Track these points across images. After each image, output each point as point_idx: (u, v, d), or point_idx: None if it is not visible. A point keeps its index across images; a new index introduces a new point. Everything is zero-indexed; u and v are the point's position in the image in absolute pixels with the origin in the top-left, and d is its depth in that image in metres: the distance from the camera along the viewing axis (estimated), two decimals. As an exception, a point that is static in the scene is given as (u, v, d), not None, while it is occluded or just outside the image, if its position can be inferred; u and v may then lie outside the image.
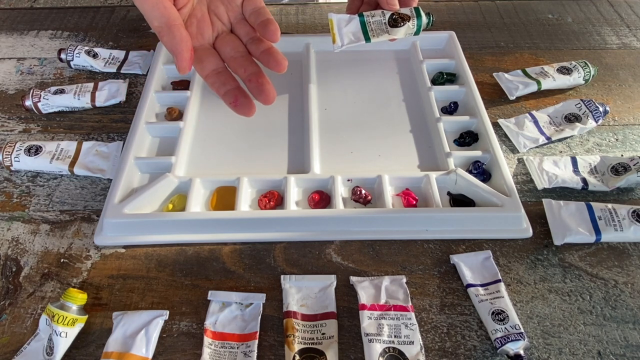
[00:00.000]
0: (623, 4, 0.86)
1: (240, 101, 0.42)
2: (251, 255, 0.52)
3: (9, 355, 0.44)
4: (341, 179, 0.56)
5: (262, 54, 0.43)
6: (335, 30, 0.61)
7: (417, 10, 0.59)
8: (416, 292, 0.49)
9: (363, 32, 0.60)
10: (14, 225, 0.55)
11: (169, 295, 0.49)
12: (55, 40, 0.79)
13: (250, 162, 0.60)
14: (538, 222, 0.54)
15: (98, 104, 0.67)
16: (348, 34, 0.61)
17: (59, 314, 0.44)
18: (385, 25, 0.58)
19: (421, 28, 0.60)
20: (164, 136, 0.63)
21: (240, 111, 0.42)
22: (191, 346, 0.45)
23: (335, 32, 0.61)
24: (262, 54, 0.43)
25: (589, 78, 0.68)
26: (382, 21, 0.58)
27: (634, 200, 0.57)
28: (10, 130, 0.65)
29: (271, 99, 0.42)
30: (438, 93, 0.66)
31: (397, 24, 0.57)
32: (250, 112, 0.42)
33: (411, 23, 0.58)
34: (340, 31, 0.61)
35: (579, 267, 0.51)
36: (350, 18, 0.62)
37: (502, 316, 0.45)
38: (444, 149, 0.58)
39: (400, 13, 0.58)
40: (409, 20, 0.58)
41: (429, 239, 0.53)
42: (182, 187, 0.56)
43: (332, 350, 0.44)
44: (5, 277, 0.50)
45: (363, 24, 0.60)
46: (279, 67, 0.43)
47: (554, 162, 0.59)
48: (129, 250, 0.52)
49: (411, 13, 0.59)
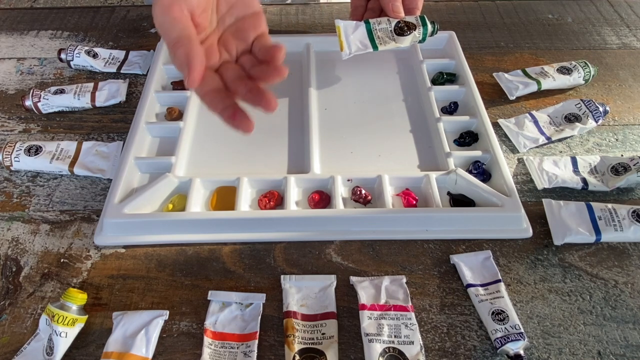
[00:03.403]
0: (623, 4, 0.86)
1: (238, 116, 0.41)
2: (251, 255, 0.52)
3: (9, 355, 0.44)
4: (341, 179, 0.56)
5: (265, 77, 0.44)
6: (343, 38, 0.61)
7: (422, 18, 0.59)
8: (416, 292, 0.49)
9: (370, 39, 0.60)
10: (14, 225, 0.55)
11: (169, 295, 0.49)
12: (55, 40, 0.79)
13: (250, 162, 0.60)
14: (538, 222, 0.54)
15: (98, 104, 0.67)
16: (355, 42, 0.61)
17: (59, 314, 0.44)
18: (391, 33, 0.58)
19: (427, 36, 0.60)
20: (164, 136, 0.63)
21: (239, 126, 0.42)
22: (191, 346, 0.45)
23: (343, 40, 0.61)
24: (264, 77, 0.44)
25: (589, 78, 0.68)
26: (388, 29, 0.58)
27: (634, 200, 0.57)
28: (10, 130, 0.65)
29: (273, 106, 0.42)
30: (438, 93, 0.66)
31: (403, 33, 0.57)
32: (249, 128, 0.41)
33: (417, 32, 0.58)
34: (348, 39, 0.61)
35: (579, 267, 0.51)
36: (356, 24, 0.62)
37: (502, 316, 0.45)
38: (444, 149, 0.58)
39: (406, 21, 0.58)
40: (415, 28, 0.58)
41: (429, 239, 0.53)
42: (182, 187, 0.56)
43: (332, 350, 0.44)
44: (5, 277, 0.50)
45: (369, 32, 0.60)
46: (270, 106, 0.42)
47: (554, 162, 0.59)
48: (129, 250, 0.52)
49: (416, 21, 0.59)
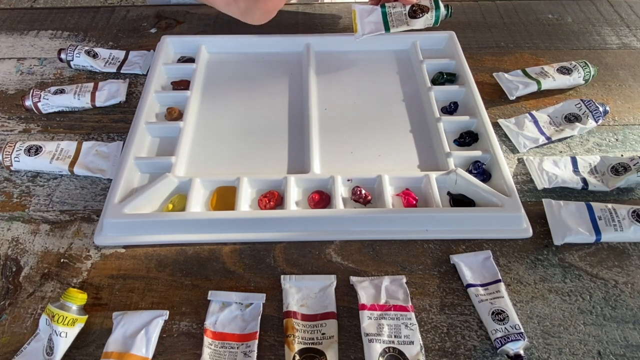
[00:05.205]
0: (623, 4, 0.86)
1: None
2: (251, 255, 0.52)
3: (9, 355, 0.44)
4: (341, 179, 0.56)
5: None
6: (357, 21, 0.64)
7: (436, 2, 0.60)
8: (416, 292, 0.49)
9: (384, 22, 0.62)
10: (14, 225, 0.55)
11: (169, 295, 0.49)
12: (55, 40, 0.79)
13: (250, 162, 0.60)
14: (538, 222, 0.54)
15: (98, 104, 0.67)
16: (369, 24, 0.63)
17: (59, 314, 0.44)
18: (405, 16, 0.59)
19: (439, 19, 0.60)
20: (164, 136, 0.63)
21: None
22: (191, 346, 0.45)
23: (357, 23, 0.64)
24: None
25: (589, 78, 0.68)
26: (402, 12, 0.59)
27: (634, 200, 0.57)
28: (10, 130, 0.65)
29: None
30: (438, 93, 0.66)
31: (416, 15, 0.58)
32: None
33: (429, 14, 0.59)
34: (362, 21, 0.63)
35: (579, 267, 0.51)
36: (372, 9, 0.64)
37: (502, 316, 0.45)
38: (444, 149, 0.58)
39: (421, 5, 0.59)
40: (428, 11, 0.58)
41: (429, 239, 0.53)
42: (182, 187, 0.56)
43: (332, 350, 0.44)
44: (5, 277, 0.50)
45: (384, 15, 0.62)
46: None
47: (554, 162, 0.59)
48: (129, 250, 0.52)
49: (430, 5, 0.60)
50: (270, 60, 0.73)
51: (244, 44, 0.74)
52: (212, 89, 0.69)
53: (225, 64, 0.73)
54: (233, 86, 0.69)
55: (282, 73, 0.71)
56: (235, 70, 0.72)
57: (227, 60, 0.73)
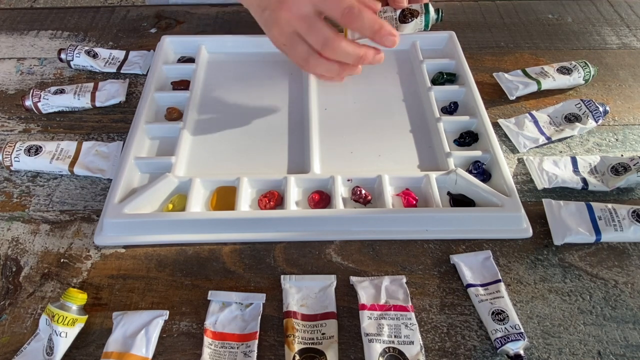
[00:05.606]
0: (623, 4, 0.86)
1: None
2: (251, 255, 0.52)
3: (9, 355, 0.44)
4: (341, 179, 0.56)
5: None
6: None
7: (426, 6, 0.60)
8: (416, 292, 0.49)
9: None
10: (14, 225, 0.55)
11: (169, 295, 0.49)
12: (55, 40, 0.79)
13: (250, 162, 0.60)
14: (538, 222, 0.54)
15: (98, 104, 0.67)
16: None
17: (59, 314, 0.44)
18: (395, 21, 0.59)
19: (429, 23, 0.60)
20: (163, 136, 0.63)
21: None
22: (191, 346, 0.45)
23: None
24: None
25: (589, 78, 0.68)
26: (393, 17, 0.59)
27: (634, 200, 0.57)
28: (10, 130, 0.65)
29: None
30: (438, 93, 0.66)
31: (406, 20, 0.58)
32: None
33: (419, 19, 0.58)
34: None
35: (579, 267, 0.51)
36: None
37: (502, 316, 0.45)
38: (444, 149, 0.58)
39: (411, 9, 0.59)
40: (418, 16, 0.58)
41: (429, 239, 0.53)
42: (182, 187, 0.56)
43: (332, 350, 0.44)
44: (5, 277, 0.50)
45: None
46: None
47: (554, 162, 0.59)
48: (129, 250, 0.52)
49: (421, 9, 0.60)
50: (270, 60, 0.73)
51: (244, 44, 0.74)
52: (212, 89, 0.69)
53: (225, 64, 0.73)
54: (233, 86, 0.69)
55: (282, 73, 0.71)
56: (235, 70, 0.72)
57: (227, 60, 0.73)
